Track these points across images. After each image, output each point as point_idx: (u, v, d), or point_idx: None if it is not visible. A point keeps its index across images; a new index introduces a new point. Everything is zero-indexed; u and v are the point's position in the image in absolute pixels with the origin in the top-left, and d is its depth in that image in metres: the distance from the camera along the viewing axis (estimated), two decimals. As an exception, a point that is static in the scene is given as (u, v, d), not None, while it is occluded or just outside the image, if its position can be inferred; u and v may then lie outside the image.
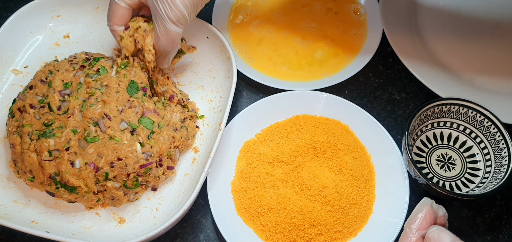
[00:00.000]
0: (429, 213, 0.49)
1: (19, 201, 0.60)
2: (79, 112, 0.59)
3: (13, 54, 0.69)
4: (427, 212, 0.49)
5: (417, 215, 0.49)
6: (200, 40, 0.71)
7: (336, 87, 0.70)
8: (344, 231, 0.58)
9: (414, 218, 0.49)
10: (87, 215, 0.59)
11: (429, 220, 0.49)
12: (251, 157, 0.63)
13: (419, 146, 0.64)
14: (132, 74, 0.62)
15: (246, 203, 0.60)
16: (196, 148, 0.64)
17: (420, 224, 0.49)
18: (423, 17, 0.77)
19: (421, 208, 0.50)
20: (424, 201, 0.50)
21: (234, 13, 0.77)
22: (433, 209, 0.50)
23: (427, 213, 0.49)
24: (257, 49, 0.74)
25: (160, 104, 0.63)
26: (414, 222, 0.49)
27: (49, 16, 0.72)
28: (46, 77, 0.63)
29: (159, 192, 0.61)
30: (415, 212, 0.50)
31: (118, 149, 0.57)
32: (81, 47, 0.71)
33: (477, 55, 0.73)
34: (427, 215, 0.49)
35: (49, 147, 0.56)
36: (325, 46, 0.74)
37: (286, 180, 0.60)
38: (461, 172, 0.62)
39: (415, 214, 0.50)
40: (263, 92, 0.70)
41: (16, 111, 0.61)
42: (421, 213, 0.49)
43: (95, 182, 0.56)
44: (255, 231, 0.58)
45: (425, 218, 0.49)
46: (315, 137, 0.63)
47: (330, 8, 0.78)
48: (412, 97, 0.70)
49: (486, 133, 0.62)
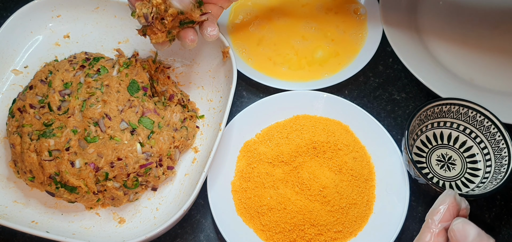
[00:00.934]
0: (452, 205, 0.47)
1: (19, 201, 0.60)
2: (79, 112, 0.59)
3: (13, 54, 0.69)
4: (450, 204, 0.47)
5: (439, 207, 0.47)
6: (200, 40, 0.70)
7: (336, 87, 0.70)
8: (344, 231, 0.58)
9: (436, 209, 0.47)
10: (87, 215, 0.59)
11: (452, 212, 0.46)
12: (251, 157, 0.63)
13: (419, 146, 0.64)
14: (134, 73, 0.63)
15: (246, 203, 0.60)
16: (196, 148, 0.64)
17: (443, 215, 0.46)
18: (423, 17, 0.77)
19: (444, 199, 0.47)
20: (447, 192, 0.48)
21: (234, 13, 0.77)
22: (456, 200, 0.47)
23: (450, 204, 0.47)
24: (257, 49, 0.74)
25: (160, 104, 0.63)
26: (436, 213, 0.47)
27: (49, 16, 0.72)
28: (46, 77, 0.63)
29: (159, 192, 0.61)
30: (437, 203, 0.48)
31: (118, 149, 0.57)
32: (81, 47, 0.71)
33: (477, 55, 0.73)
34: (450, 206, 0.46)
35: (49, 147, 0.56)
36: (325, 46, 0.74)
37: (286, 180, 0.60)
38: (461, 172, 0.62)
39: (438, 205, 0.47)
40: (263, 92, 0.70)
41: (16, 111, 0.61)
42: (444, 205, 0.47)
43: (95, 182, 0.56)
44: (255, 231, 0.58)
45: (448, 209, 0.46)
46: (315, 137, 0.63)
47: (330, 8, 0.78)
48: (412, 97, 0.70)
49: (486, 133, 0.62)
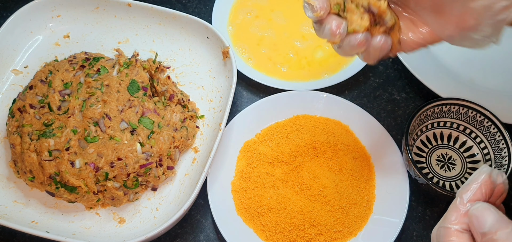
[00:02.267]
0: (485, 183, 0.43)
1: (19, 201, 0.60)
2: (79, 112, 0.59)
3: (13, 54, 0.69)
4: (483, 182, 0.43)
5: (471, 185, 0.43)
6: (200, 40, 0.71)
7: (336, 87, 0.70)
8: (344, 231, 0.58)
9: (467, 187, 0.43)
10: (87, 215, 0.59)
11: (485, 191, 0.43)
12: (251, 157, 0.63)
13: (419, 146, 0.64)
14: (134, 73, 0.63)
15: (246, 203, 0.60)
16: (196, 148, 0.64)
17: (473, 194, 0.42)
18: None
19: (478, 177, 0.43)
20: (482, 169, 0.44)
21: (234, 13, 0.77)
22: (492, 178, 0.43)
23: (483, 182, 0.43)
24: (257, 49, 0.74)
25: (160, 104, 0.63)
26: (466, 191, 0.42)
27: (49, 16, 0.72)
28: (46, 77, 0.63)
29: (159, 192, 0.61)
30: (470, 180, 0.44)
31: (118, 149, 0.57)
32: (81, 47, 0.71)
33: (477, 55, 0.73)
34: (482, 185, 0.43)
35: (49, 147, 0.56)
36: (325, 46, 0.74)
37: (286, 180, 0.60)
38: (461, 172, 0.62)
39: (470, 183, 0.43)
40: (263, 92, 0.70)
41: (16, 111, 0.61)
42: (476, 183, 0.43)
43: (95, 182, 0.56)
44: (255, 231, 0.58)
45: (480, 188, 0.43)
46: (315, 137, 0.63)
47: (330, 8, 0.78)
48: (412, 97, 0.70)
49: (486, 133, 0.62)
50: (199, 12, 0.79)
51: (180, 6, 0.80)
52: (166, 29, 0.72)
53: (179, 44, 0.72)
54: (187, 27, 0.70)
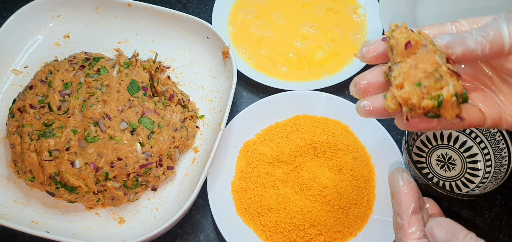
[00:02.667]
0: (406, 190, 0.41)
1: (19, 201, 0.60)
2: (79, 112, 0.59)
3: (13, 54, 0.69)
4: (402, 191, 0.41)
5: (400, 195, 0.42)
6: (200, 40, 0.71)
7: (336, 87, 0.70)
8: (344, 231, 0.58)
9: (398, 201, 0.41)
10: (87, 215, 0.59)
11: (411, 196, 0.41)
12: (251, 157, 0.63)
13: (419, 146, 0.64)
14: (134, 73, 0.63)
15: (246, 203, 0.60)
16: (196, 148, 0.64)
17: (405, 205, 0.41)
18: (423, 17, 0.77)
19: (398, 187, 0.42)
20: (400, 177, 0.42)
21: (234, 13, 0.77)
22: (404, 180, 0.42)
23: (401, 192, 0.41)
24: (257, 49, 0.74)
25: (160, 104, 0.63)
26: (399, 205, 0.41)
27: (49, 16, 0.72)
28: (46, 77, 0.63)
29: (159, 192, 0.61)
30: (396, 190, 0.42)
31: (118, 149, 0.57)
32: (81, 47, 0.71)
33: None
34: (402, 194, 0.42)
35: (49, 147, 0.56)
36: (325, 46, 0.74)
37: (286, 180, 0.60)
38: (461, 172, 0.62)
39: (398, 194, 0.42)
40: (263, 92, 0.70)
41: (16, 111, 0.61)
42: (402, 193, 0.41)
43: (95, 182, 0.56)
44: (255, 231, 0.58)
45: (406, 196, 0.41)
46: (315, 137, 0.63)
47: (330, 8, 0.78)
48: (412, 97, 0.70)
49: (486, 133, 0.62)
50: (199, 12, 0.79)
51: (180, 6, 0.80)
52: (166, 29, 0.72)
53: (179, 44, 0.72)
54: (187, 27, 0.71)
